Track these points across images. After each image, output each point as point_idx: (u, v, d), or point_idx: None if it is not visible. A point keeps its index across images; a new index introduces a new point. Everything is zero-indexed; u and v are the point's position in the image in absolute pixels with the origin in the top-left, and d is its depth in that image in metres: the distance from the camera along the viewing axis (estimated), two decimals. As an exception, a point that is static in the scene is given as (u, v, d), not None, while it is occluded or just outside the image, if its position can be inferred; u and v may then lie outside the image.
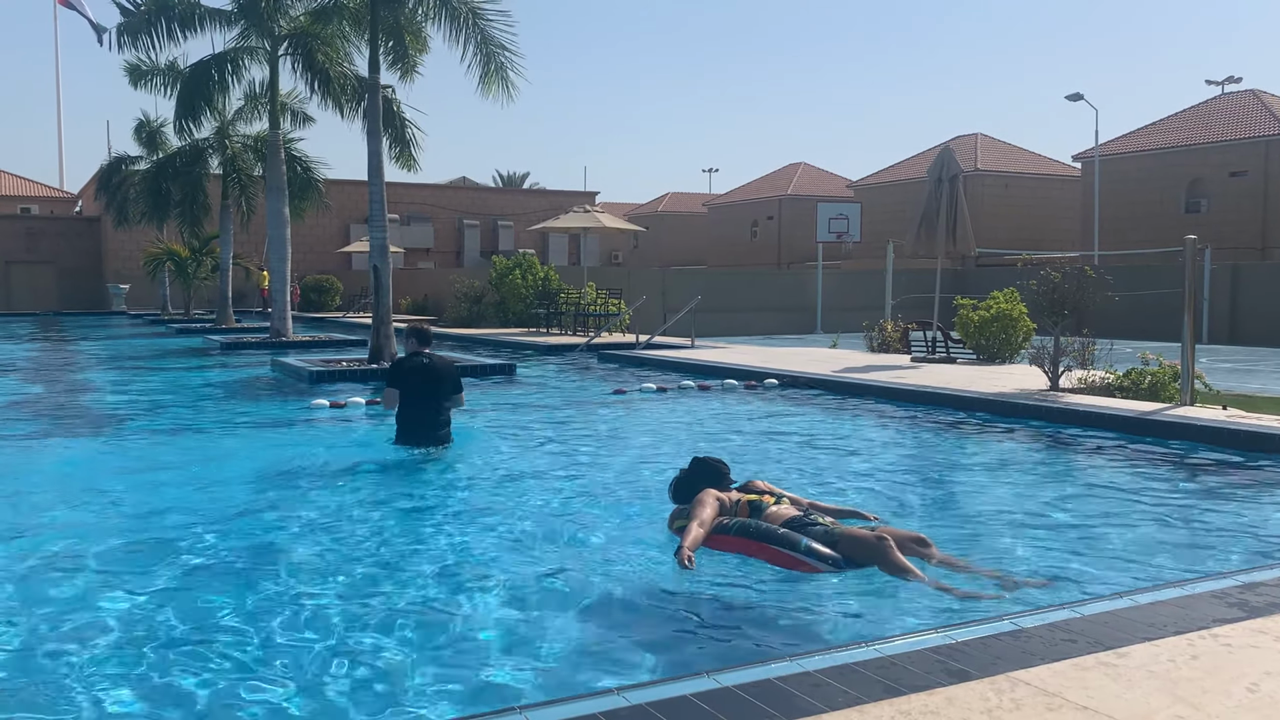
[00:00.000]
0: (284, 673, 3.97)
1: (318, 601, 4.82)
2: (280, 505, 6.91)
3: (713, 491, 5.50)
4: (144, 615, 4.64)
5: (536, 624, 4.51)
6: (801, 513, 5.41)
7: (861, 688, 3.32)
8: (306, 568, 5.40)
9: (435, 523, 6.43)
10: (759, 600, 4.82)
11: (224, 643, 4.27)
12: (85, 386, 15.36)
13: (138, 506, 7.00)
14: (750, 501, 5.48)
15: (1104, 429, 9.58)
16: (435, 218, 49.74)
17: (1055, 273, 12.49)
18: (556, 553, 5.66)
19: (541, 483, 7.64)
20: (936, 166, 17.07)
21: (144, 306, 42.51)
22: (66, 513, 6.81)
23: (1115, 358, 12.78)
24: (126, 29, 20.61)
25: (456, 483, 7.74)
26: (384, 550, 5.75)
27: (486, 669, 4.04)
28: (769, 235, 59.21)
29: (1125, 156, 44.30)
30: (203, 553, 5.67)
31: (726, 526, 5.29)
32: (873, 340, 18.54)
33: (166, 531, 6.14)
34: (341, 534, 6.09)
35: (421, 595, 4.93)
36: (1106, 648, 3.63)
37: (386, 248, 16.46)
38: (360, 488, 7.53)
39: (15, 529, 6.26)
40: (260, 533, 6.16)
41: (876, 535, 5.05)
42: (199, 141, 28.42)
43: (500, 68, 16.18)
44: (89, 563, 5.50)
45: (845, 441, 9.55)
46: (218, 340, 22.93)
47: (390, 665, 4.07)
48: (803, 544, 5.03)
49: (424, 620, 4.57)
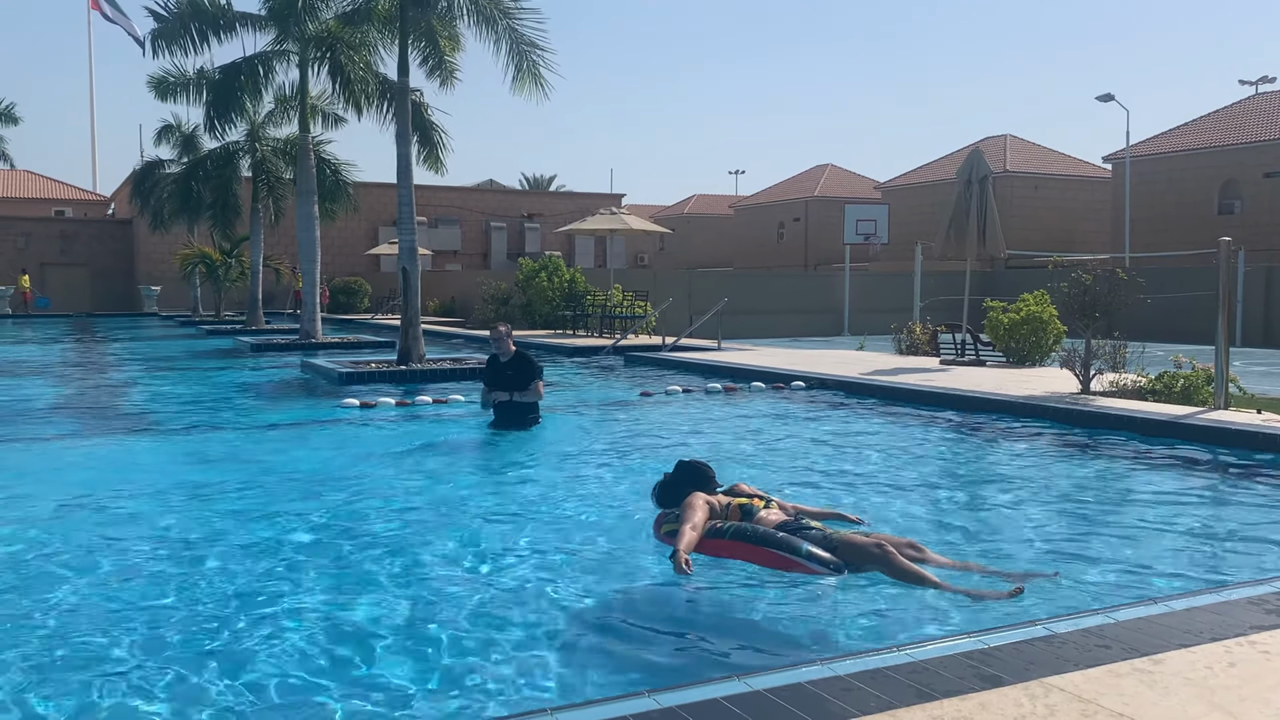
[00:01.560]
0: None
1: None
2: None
3: (702, 495, 5.37)
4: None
5: (539, 629, 4.51)
6: (791, 516, 5.38)
7: (893, 692, 3.30)
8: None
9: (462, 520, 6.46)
10: (768, 605, 4.79)
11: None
12: (149, 388, 15.57)
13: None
14: (741, 505, 5.39)
15: (1136, 433, 9.48)
16: (463, 220, 49.96)
17: (1087, 275, 12.38)
18: (565, 557, 5.65)
19: (557, 486, 7.65)
20: (966, 168, 16.97)
21: (175, 308, 42.97)
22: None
23: (1147, 361, 12.65)
24: (160, 34, 20.84)
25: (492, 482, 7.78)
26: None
27: (499, 670, 4.06)
28: (795, 237, 59.04)
29: (1157, 157, 43.84)
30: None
31: (721, 530, 5.18)
32: (901, 343, 18.44)
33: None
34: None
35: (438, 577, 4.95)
36: (1141, 654, 3.60)
37: (415, 250, 16.55)
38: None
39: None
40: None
41: (875, 542, 4.96)
42: (230, 144, 28.70)
43: (532, 66, 16.25)
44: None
45: (873, 444, 9.50)
46: (248, 342, 23.14)
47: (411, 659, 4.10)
48: (804, 549, 4.96)
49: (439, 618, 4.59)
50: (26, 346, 25.07)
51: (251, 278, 31.01)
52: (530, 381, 9.96)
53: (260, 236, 30.48)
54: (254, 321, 30.17)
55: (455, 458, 9.10)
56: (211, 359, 20.70)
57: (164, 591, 5.03)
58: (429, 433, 10.48)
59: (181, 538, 6.09)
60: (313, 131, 23.69)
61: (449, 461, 8.86)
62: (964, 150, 48.46)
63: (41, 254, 46.28)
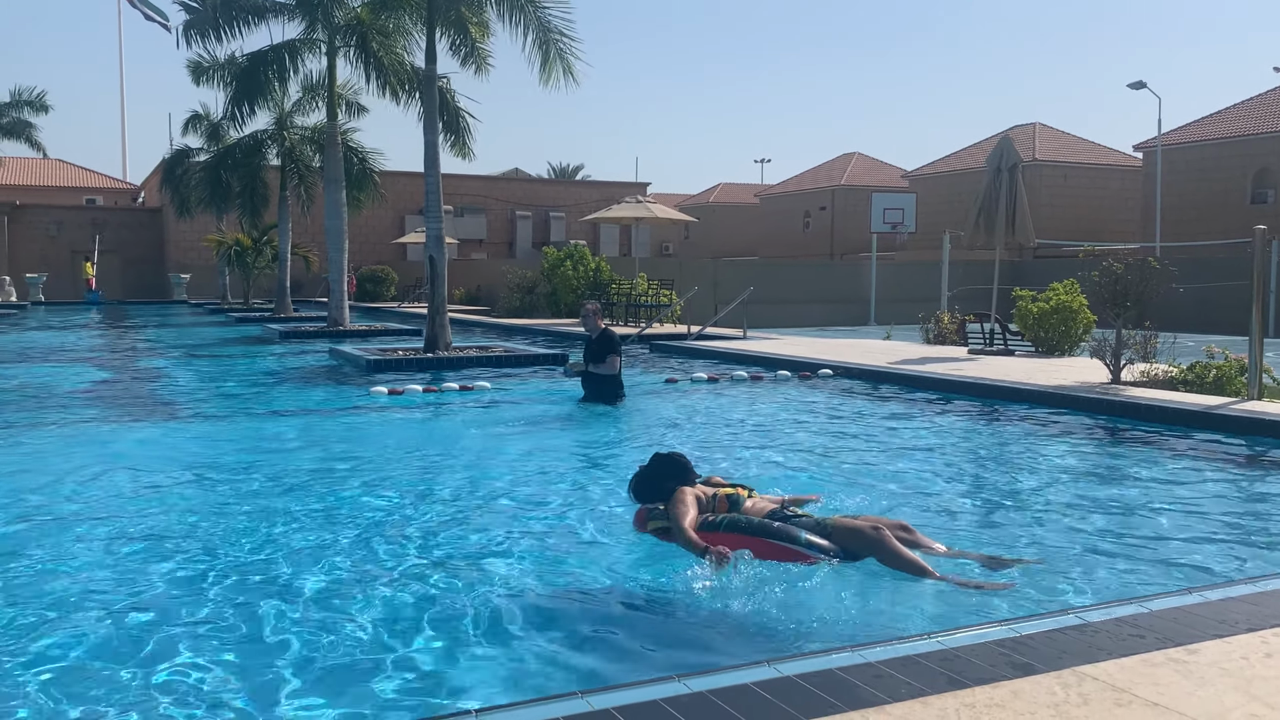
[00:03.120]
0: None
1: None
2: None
3: (689, 489, 5.32)
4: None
5: (551, 614, 4.53)
6: (778, 504, 5.35)
7: (924, 679, 3.29)
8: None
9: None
10: (783, 593, 4.74)
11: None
12: (189, 375, 15.66)
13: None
14: (728, 495, 5.36)
15: (1168, 423, 9.39)
16: (488, 209, 50.06)
17: (1118, 264, 12.25)
18: (569, 546, 5.65)
19: (581, 471, 7.67)
20: (995, 156, 16.83)
21: (203, 296, 43.32)
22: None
23: (1178, 351, 12.52)
24: (192, 24, 20.98)
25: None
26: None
27: (523, 653, 4.08)
28: (822, 226, 58.75)
29: (1189, 146, 43.28)
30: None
31: (714, 523, 5.14)
32: (929, 332, 18.35)
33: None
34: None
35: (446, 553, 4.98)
36: (1176, 644, 3.57)
37: (443, 238, 16.61)
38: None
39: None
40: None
41: (871, 525, 4.96)
42: (258, 133, 28.87)
43: (560, 54, 16.26)
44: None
45: (901, 433, 9.46)
46: (276, 329, 23.30)
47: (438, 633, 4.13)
48: (801, 537, 4.95)
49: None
50: (76, 333, 25.37)
51: (279, 266, 31.20)
52: (606, 355, 10.86)
53: (288, 225, 30.65)
54: (282, 309, 30.37)
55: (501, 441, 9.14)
56: (241, 346, 20.87)
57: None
58: (478, 417, 10.69)
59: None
60: (340, 119, 23.78)
61: (494, 442, 8.91)
62: (992, 139, 48.01)
63: (74, 242, 46.78)
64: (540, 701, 3.24)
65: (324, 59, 22.50)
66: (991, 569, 4.98)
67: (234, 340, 22.41)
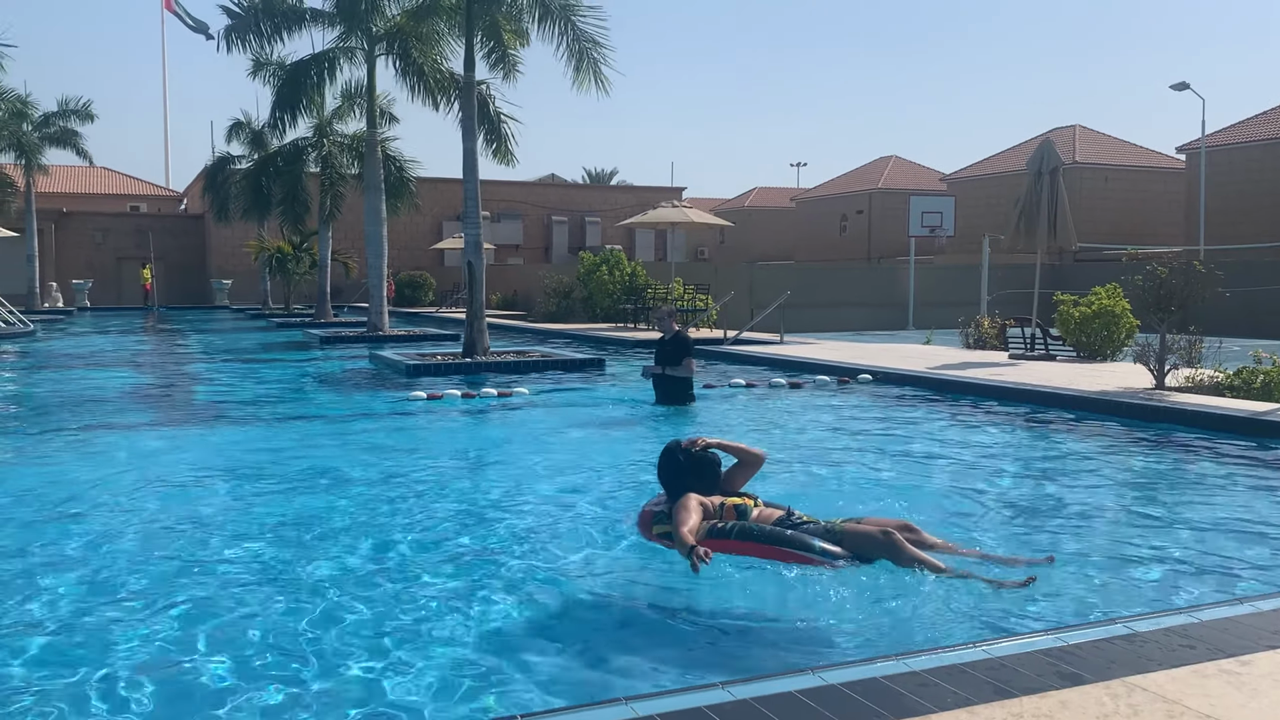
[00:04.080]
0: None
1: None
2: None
3: (695, 496, 5.32)
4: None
5: (569, 622, 4.54)
6: (784, 513, 5.34)
7: (970, 688, 3.27)
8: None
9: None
10: (814, 601, 4.73)
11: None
12: (237, 379, 15.97)
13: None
14: (736, 505, 5.35)
15: (1214, 429, 9.25)
16: (524, 215, 50.30)
17: (1162, 268, 12.09)
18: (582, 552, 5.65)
19: (619, 478, 7.67)
20: (1036, 159, 16.67)
21: (245, 301, 43.87)
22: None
23: (1224, 356, 12.33)
24: (234, 29, 21.29)
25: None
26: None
27: (566, 657, 4.10)
28: (859, 230, 58.41)
29: (1234, 147, 42.59)
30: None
31: (725, 530, 5.14)
32: (968, 337, 18.20)
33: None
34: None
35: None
36: (1228, 654, 3.52)
37: (481, 244, 16.72)
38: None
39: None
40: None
41: (881, 530, 4.96)
42: (299, 140, 29.21)
43: (592, 62, 16.37)
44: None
45: (942, 438, 9.39)
46: (317, 334, 23.55)
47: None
48: (816, 545, 4.95)
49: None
50: (130, 338, 25.82)
51: (320, 271, 31.54)
52: (682, 358, 11.02)
53: (328, 231, 30.98)
54: (322, 314, 30.68)
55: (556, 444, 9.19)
56: (285, 351, 21.11)
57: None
58: (546, 419, 10.82)
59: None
60: (378, 127, 24.01)
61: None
62: (1031, 141, 47.55)
63: (118, 249, 47.57)
64: (585, 707, 3.26)
65: (363, 67, 22.75)
66: (1002, 566, 5.00)
67: (277, 345, 22.68)
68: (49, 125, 38.83)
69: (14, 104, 36.75)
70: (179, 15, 51.09)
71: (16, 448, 9.34)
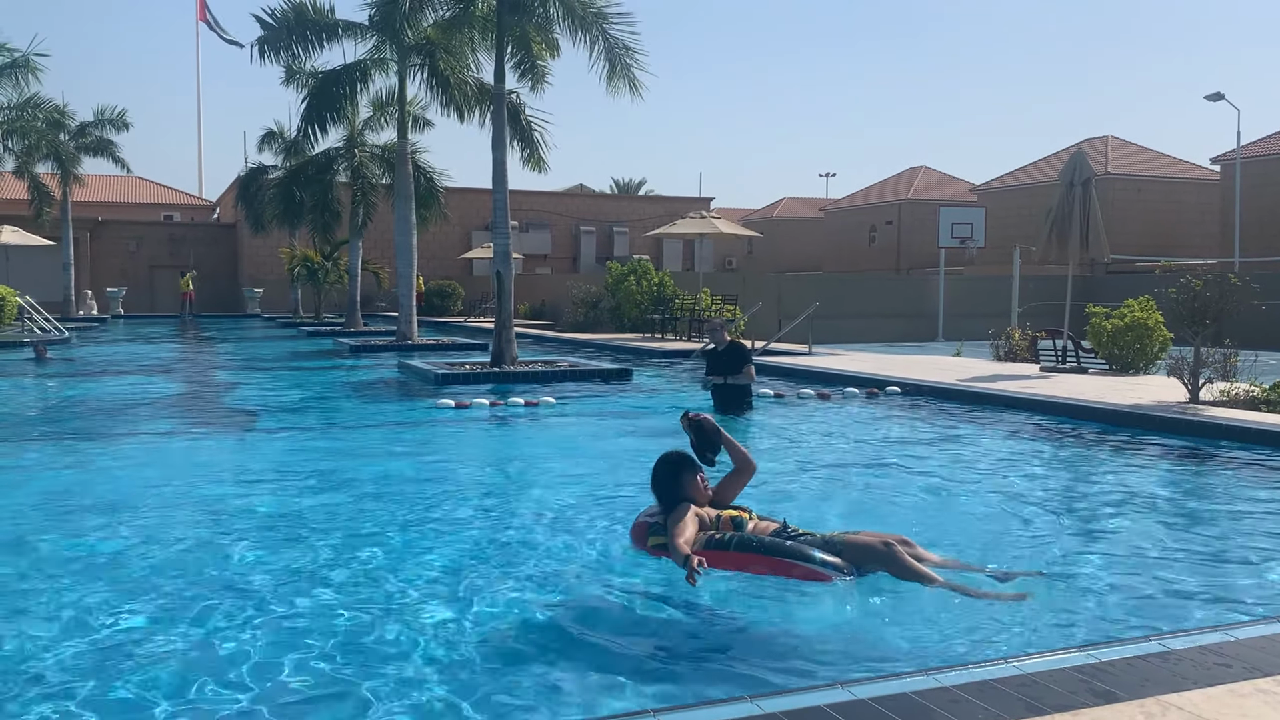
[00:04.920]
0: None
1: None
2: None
3: (691, 507, 5.30)
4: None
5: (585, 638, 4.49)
6: (779, 525, 5.32)
7: (1001, 704, 3.24)
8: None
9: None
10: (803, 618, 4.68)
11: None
12: (270, 386, 16.07)
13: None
14: (732, 518, 5.33)
15: (1250, 444, 9.12)
16: (553, 224, 50.47)
17: (1196, 280, 11.96)
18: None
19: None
20: (1069, 170, 16.54)
21: (276, 309, 44.28)
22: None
23: (1260, 370, 12.18)
24: (266, 40, 21.53)
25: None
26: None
27: (589, 668, 4.08)
28: (888, 240, 58.18)
29: (1269, 158, 42.08)
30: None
31: (723, 542, 5.10)
32: (999, 349, 18.07)
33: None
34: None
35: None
36: (1265, 674, 3.47)
37: (509, 254, 16.78)
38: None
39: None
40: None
41: (881, 541, 4.97)
42: (330, 150, 29.48)
43: (625, 69, 16.50)
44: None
45: (972, 452, 9.32)
46: (347, 343, 23.72)
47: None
48: (815, 555, 4.93)
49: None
50: (165, 345, 26.16)
51: (350, 281, 31.78)
52: (742, 365, 11.18)
53: (359, 241, 31.22)
54: (352, 323, 30.90)
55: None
56: (315, 359, 21.29)
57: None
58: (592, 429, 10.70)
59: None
60: (408, 137, 24.20)
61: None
62: (1063, 152, 47.21)
63: (152, 257, 48.16)
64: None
65: (393, 77, 22.94)
66: (998, 580, 5.00)
67: (308, 354, 22.87)
68: (85, 135, 39.42)
69: (51, 114, 37.32)
70: (213, 27, 51.81)
71: (63, 451, 9.47)
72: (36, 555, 5.75)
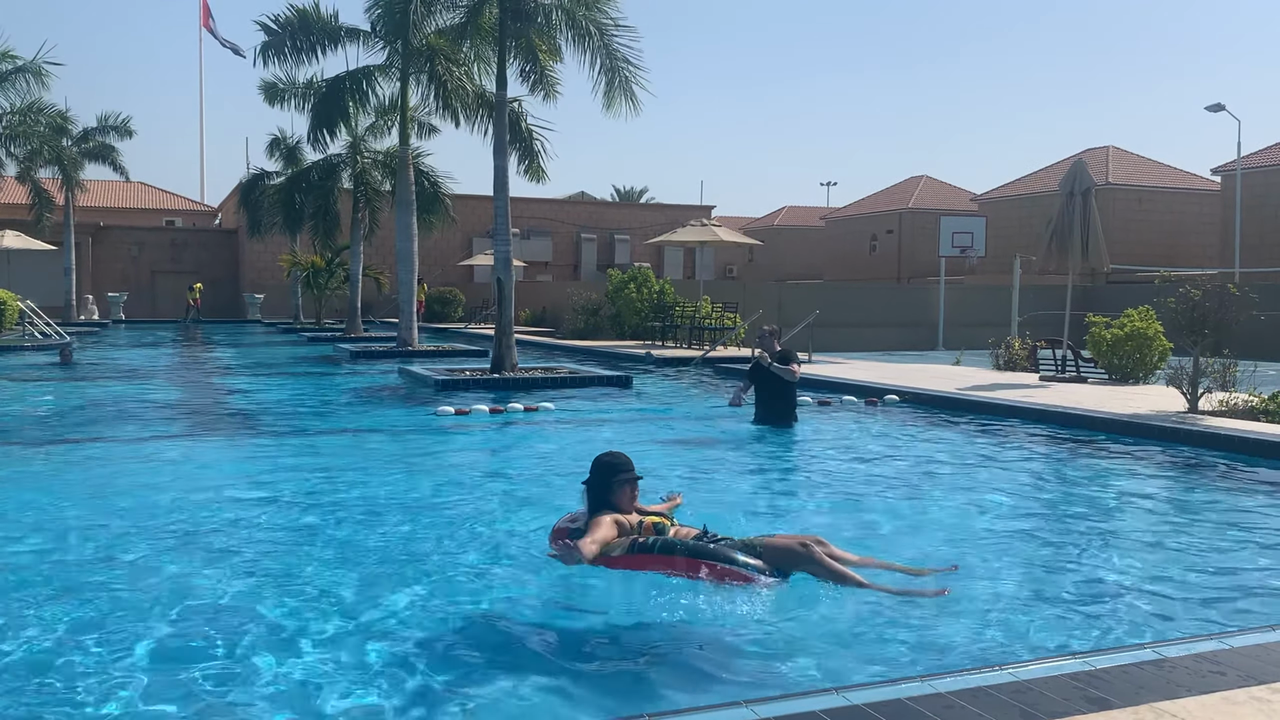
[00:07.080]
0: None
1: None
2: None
3: (610, 514, 5.36)
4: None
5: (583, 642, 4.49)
6: (699, 532, 5.36)
7: (996, 711, 3.25)
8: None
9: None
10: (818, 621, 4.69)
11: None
12: (270, 392, 16.09)
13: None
14: (655, 523, 5.40)
15: (1248, 454, 9.14)
16: (554, 232, 50.52)
17: (1195, 290, 11.98)
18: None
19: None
20: (1069, 180, 16.59)
21: (277, 315, 44.29)
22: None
23: (1259, 380, 12.20)
24: (270, 46, 21.60)
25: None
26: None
27: (580, 674, 4.08)
28: (888, 249, 58.27)
29: (1270, 169, 42.16)
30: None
31: (647, 545, 5.19)
32: (999, 358, 18.09)
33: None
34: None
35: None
36: (1259, 681, 3.47)
37: (510, 261, 16.81)
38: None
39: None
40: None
41: (799, 542, 5.06)
42: (332, 157, 29.51)
43: (625, 82, 16.47)
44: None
45: (972, 461, 9.32)
46: (347, 349, 23.74)
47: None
48: (739, 557, 5.02)
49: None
50: (168, 350, 26.20)
51: (351, 287, 31.79)
52: (788, 362, 10.90)
53: (360, 246, 31.25)
54: (353, 329, 30.87)
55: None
56: (317, 365, 21.29)
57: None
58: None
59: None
60: (410, 143, 24.24)
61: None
62: (1064, 162, 47.31)
63: (154, 262, 48.21)
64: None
65: (396, 83, 22.98)
66: (912, 577, 5.12)
67: (309, 359, 22.88)
68: (88, 140, 39.47)
69: (55, 119, 37.35)
70: (215, 35, 51.96)
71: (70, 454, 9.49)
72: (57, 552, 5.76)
